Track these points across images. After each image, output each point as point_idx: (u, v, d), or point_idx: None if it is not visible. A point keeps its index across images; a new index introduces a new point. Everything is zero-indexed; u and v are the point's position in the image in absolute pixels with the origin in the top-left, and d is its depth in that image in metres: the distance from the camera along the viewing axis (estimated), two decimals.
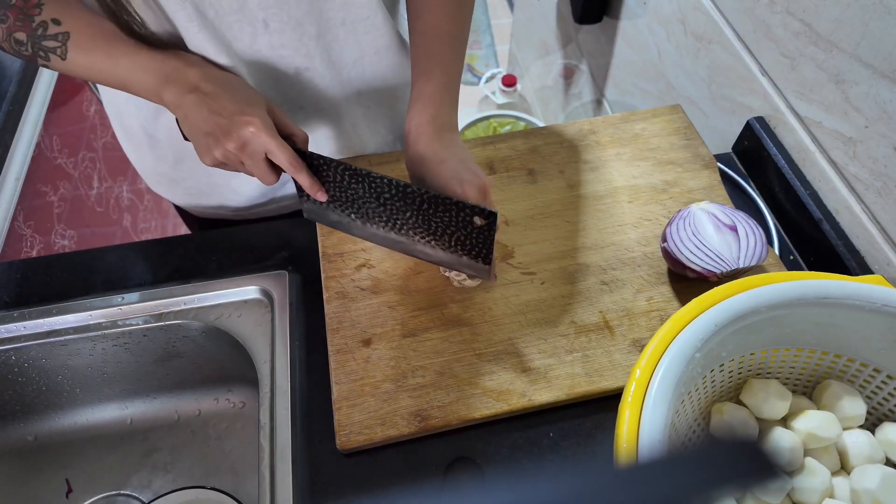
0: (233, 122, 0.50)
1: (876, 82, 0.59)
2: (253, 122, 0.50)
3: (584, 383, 0.57)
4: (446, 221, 0.53)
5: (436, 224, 0.54)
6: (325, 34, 0.61)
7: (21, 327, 0.64)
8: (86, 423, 0.72)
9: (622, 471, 0.24)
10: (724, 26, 0.80)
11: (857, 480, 0.45)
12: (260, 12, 0.57)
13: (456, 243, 0.55)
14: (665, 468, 0.24)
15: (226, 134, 0.50)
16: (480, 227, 0.51)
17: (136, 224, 1.43)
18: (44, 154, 1.10)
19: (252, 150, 0.51)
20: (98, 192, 1.28)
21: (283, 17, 0.58)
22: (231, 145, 0.51)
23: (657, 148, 0.75)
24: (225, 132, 0.50)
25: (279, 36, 0.59)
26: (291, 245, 0.70)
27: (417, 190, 0.51)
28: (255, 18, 0.57)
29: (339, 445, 0.55)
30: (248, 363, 0.62)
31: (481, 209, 0.50)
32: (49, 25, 0.53)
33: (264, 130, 0.50)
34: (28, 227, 1.03)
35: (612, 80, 1.23)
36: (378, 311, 0.62)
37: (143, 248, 0.71)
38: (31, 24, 0.53)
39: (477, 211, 0.50)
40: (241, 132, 0.50)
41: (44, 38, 0.53)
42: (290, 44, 0.60)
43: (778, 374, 0.51)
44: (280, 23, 0.58)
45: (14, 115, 1.00)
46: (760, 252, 0.59)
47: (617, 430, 0.42)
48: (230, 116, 0.50)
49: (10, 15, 0.53)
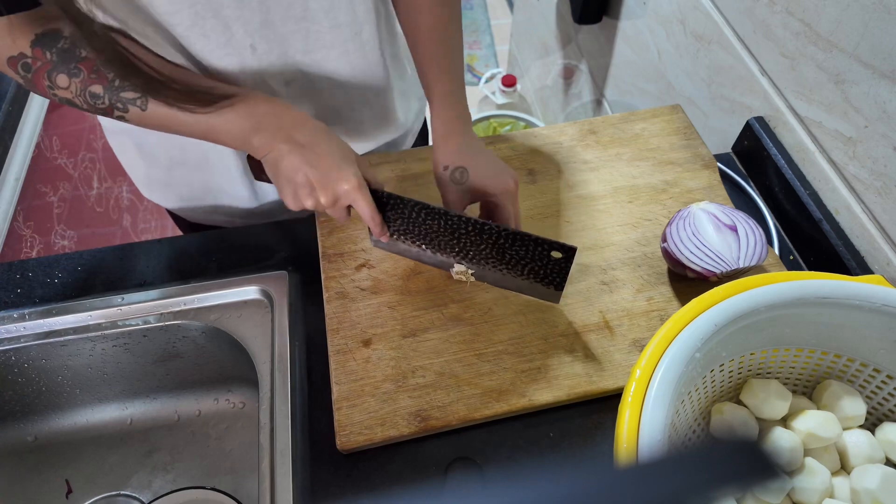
0: (329, 179, 0.52)
1: (876, 82, 0.59)
2: (349, 181, 0.52)
3: (584, 383, 0.57)
4: (521, 254, 0.56)
5: (510, 255, 0.57)
6: (313, 52, 0.61)
7: (21, 328, 0.64)
8: (86, 424, 0.72)
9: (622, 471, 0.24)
10: (724, 26, 0.81)
11: (857, 480, 0.45)
12: (247, 38, 0.57)
13: (529, 273, 0.58)
14: (665, 468, 0.24)
15: (322, 188, 0.52)
16: (558, 260, 0.54)
17: (136, 224, 1.43)
18: (43, 154, 1.10)
19: (342, 204, 0.53)
20: (98, 192, 1.28)
21: (269, 36, 0.58)
22: (325, 199, 0.52)
23: (657, 148, 0.75)
24: (322, 186, 0.52)
25: (267, 56, 0.59)
26: (291, 245, 0.70)
27: (496, 227, 0.54)
28: (241, 46, 0.57)
29: (339, 446, 0.55)
30: (247, 363, 0.62)
31: (560, 244, 0.52)
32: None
33: (359, 190, 0.52)
34: (28, 228, 1.03)
35: (612, 81, 1.23)
36: (378, 312, 0.62)
37: (142, 248, 0.71)
38: (107, 77, 0.49)
39: (556, 246, 0.53)
40: (336, 189, 0.52)
41: (122, 90, 0.50)
42: (278, 61, 0.60)
43: (778, 374, 0.51)
44: (267, 43, 0.58)
45: (14, 115, 1.00)
46: (760, 252, 0.59)
47: (617, 430, 0.42)
48: (327, 173, 0.52)
49: (83, 69, 0.49)
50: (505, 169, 0.59)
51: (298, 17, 0.58)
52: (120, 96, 0.50)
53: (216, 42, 0.56)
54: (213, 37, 0.55)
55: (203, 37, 0.55)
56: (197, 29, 0.54)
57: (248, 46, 0.57)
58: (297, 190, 0.53)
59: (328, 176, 0.52)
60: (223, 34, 0.55)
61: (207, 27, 0.54)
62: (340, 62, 0.64)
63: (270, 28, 0.57)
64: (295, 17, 0.58)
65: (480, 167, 0.58)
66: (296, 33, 0.59)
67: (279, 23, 0.57)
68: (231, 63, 0.58)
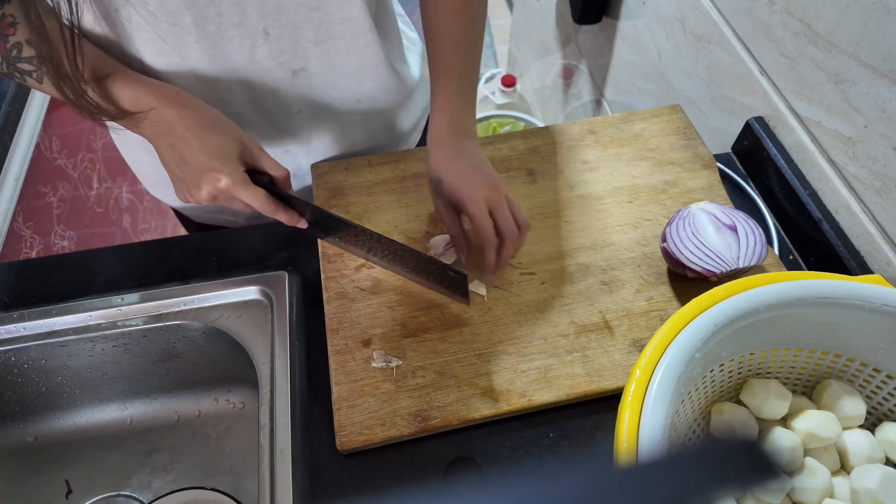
0: (202, 176, 0.51)
1: (875, 82, 0.59)
2: (220, 179, 0.51)
3: (584, 383, 0.57)
4: (422, 267, 0.59)
5: (418, 268, 0.60)
6: (324, 42, 0.62)
7: (21, 328, 0.64)
8: (85, 424, 0.72)
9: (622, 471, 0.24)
10: (724, 26, 0.81)
11: (857, 480, 0.45)
12: (260, 21, 0.57)
13: (435, 281, 0.61)
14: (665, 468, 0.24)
15: (195, 185, 0.52)
16: (454, 278, 0.57)
17: (136, 225, 1.43)
18: (43, 155, 1.10)
19: (225, 200, 0.53)
20: (97, 192, 1.28)
21: (281, 21, 0.58)
22: (202, 196, 0.52)
23: (657, 148, 0.75)
24: (196, 183, 0.52)
25: (278, 42, 0.59)
26: (291, 245, 0.70)
27: (399, 246, 0.57)
28: (255, 29, 0.57)
29: (339, 446, 0.55)
30: (247, 364, 0.62)
31: (453, 269, 0.55)
32: (24, 48, 0.50)
33: (233, 185, 0.51)
34: (27, 228, 1.03)
35: (612, 80, 1.23)
36: (378, 312, 0.62)
37: (142, 248, 0.71)
38: (4, 44, 0.49)
39: (449, 269, 0.56)
40: (210, 187, 0.52)
41: (18, 60, 0.50)
42: (289, 48, 0.60)
43: (778, 373, 0.51)
44: (279, 28, 0.58)
45: (13, 115, 1.00)
46: (760, 252, 0.59)
47: (617, 430, 0.42)
48: (199, 170, 0.51)
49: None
50: (480, 177, 0.56)
51: (312, 7, 0.58)
52: (17, 66, 0.51)
53: (230, 22, 0.56)
54: (228, 16, 0.55)
55: (218, 15, 0.55)
56: (213, 7, 0.54)
57: (261, 30, 0.57)
58: (177, 186, 0.53)
59: (200, 173, 0.51)
60: (238, 13, 0.55)
61: (223, 5, 0.54)
62: (349, 54, 0.64)
63: (283, 14, 0.57)
64: (308, 6, 0.58)
65: (455, 176, 0.56)
66: (308, 21, 0.59)
67: (292, 10, 0.57)
68: (243, 47, 0.58)
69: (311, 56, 0.62)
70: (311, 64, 0.63)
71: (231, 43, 0.57)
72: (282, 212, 0.55)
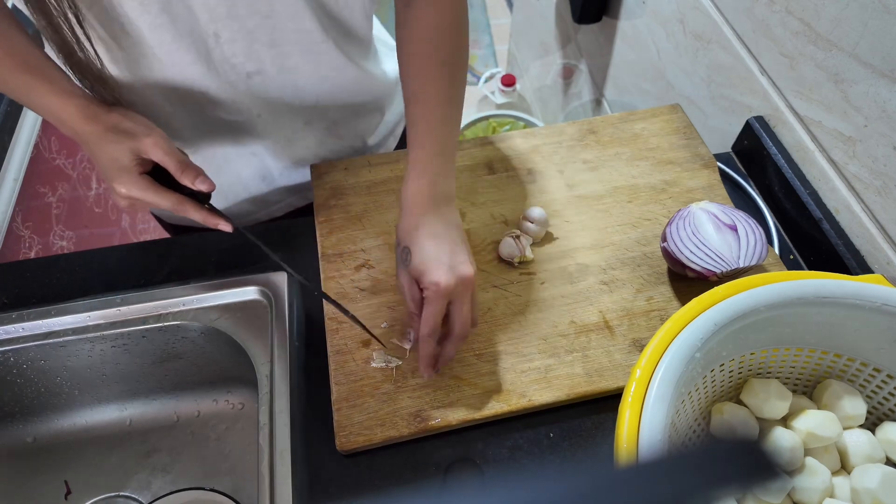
0: (110, 188, 0.54)
1: (875, 81, 0.58)
2: (118, 188, 0.53)
3: (584, 383, 0.57)
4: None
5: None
6: (278, 45, 0.60)
7: (19, 328, 0.64)
8: (85, 425, 0.72)
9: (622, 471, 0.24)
10: (724, 26, 0.80)
11: (858, 480, 0.45)
12: (210, 25, 0.56)
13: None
14: (665, 468, 0.24)
15: (113, 196, 0.54)
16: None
17: (135, 225, 1.43)
18: (42, 155, 1.10)
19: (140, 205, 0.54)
20: (97, 192, 1.28)
21: (234, 26, 0.57)
22: (121, 205, 0.54)
23: (656, 147, 0.75)
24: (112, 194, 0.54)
25: (230, 46, 0.58)
26: (291, 245, 0.70)
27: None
28: (205, 33, 0.57)
29: (338, 446, 0.55)
30: (247, 364, 0.62)
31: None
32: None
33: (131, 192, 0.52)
34: (26, 229, 1.03)
35: (612, 80, 1.23)
36: (378, 312, 0.62)
37: (141, 248, 0.71)
38: None
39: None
40: (117, 196, 0.54)
41: None
42: (241, 51, 0.59)
43: (778, 373, 0.51)
44: (231, 32, 0.57)
45: (12, 115, 1.00)
46: (760, 252, 0.59)
47: (617, 430, 0.42)
48: (107, 182, 0.54)
49: None
50: (452, 264, 0.51)
51: (264, 15, 0.57)
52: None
53: (184, 28, 0.55)
54: (180, 23, 0.55)
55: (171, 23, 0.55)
56: (166, 16, 0.54)
57: (212, 34, 0.57)
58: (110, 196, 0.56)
59: (109, 185, 0.54)
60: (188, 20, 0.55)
61: (174, 11, 0.54)
62: (305, 59, 0.63)
63: (236, 20, 0.57)
64: (261, 14, 0.57)
65: (425, 254, 0.52)
66: (261, 28, 0.58)
67: (246, 17, 0.57)
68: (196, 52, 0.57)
69: (266, 59, 0.61)
70: (265, 67, 0.62)
71: (183, 48, 0.57)
72: (194, 212, 0.55)
